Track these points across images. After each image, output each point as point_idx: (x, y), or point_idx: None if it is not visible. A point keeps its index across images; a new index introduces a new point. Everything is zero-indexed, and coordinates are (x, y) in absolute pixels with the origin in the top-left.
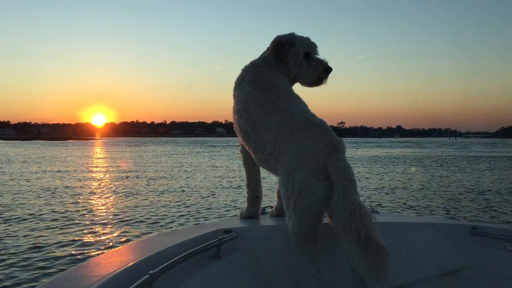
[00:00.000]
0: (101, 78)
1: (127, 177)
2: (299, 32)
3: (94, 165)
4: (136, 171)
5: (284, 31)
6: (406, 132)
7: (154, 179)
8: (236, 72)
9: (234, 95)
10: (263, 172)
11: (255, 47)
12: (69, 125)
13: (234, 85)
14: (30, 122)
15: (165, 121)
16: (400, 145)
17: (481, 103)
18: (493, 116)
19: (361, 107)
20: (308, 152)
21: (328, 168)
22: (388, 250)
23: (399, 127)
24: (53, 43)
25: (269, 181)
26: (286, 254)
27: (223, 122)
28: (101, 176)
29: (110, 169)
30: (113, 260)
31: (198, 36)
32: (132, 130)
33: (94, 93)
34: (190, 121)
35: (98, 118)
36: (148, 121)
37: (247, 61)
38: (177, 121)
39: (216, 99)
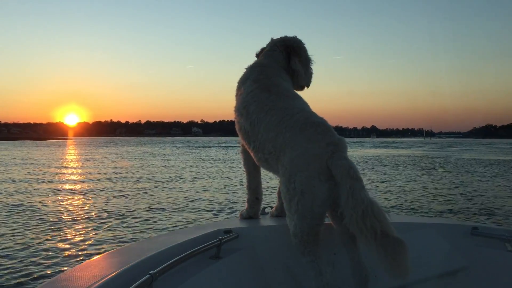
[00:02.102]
0: (75, 77)
1: (119, 179)
2: (274, 32)
3: (83, 166)
4: (125, 173)
5: (260, 31)
6: (381, 132)
7: (151, 180)
8: (209, 72)
9: (236, 95)
10: (263, 172)
11: (228, 48)
12: (41, 124)
13: (237, 84)
14: (0, 121)
15: (139, 120)
16: (387, 145)
17: (452, 104)
18: (464, 117)
19: (336, 107)
20: (309, 152)
21: (332, 168)
22: (406, 244)
23: (373, 127)
24: (24, 41)
25: (269, 181)
26: (286, 255)
27: (199, 122)
28: (95, 177)
29: (102, 172)
30: (113, 260)
31: (171, 35)
32: (106, 130)
33: (67, 92)
34: (166, 120)
35: (71, 117)
36: (123, 121)
37: (220, 61)
38: (152, 120)
39: (191, 99)
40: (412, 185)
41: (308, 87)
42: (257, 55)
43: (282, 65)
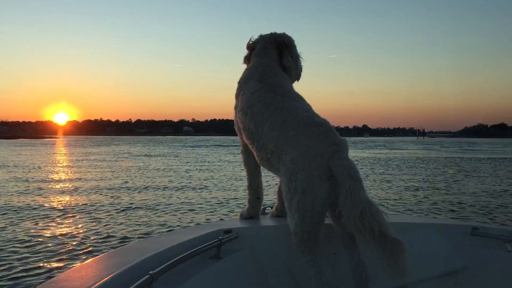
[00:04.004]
0: (64, 75)
1: (117, 179)
2: (265, 31)
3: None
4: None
5: (250, 29)
6: (373, 132)
7: (149, 181)
8: (198, 71)
9: (237, 95)
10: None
11: (217, 46)
12: (30, 123)
13: (237, 84)
14: None
15: (130, 119)
16: (388, 145)
17: (443, 103)
18: (455, 116)
19: (328, 106)
20: (311, 151)
21: (333, 167)
22: (404, 244)
23: (365, 127)
24: (13, 39)
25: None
26: (286, 255)
27: (190, 121)
28: (97, 177)
29: (99, 170)
30: (113, 260)
31: (161, 34)
32: (96, 129)
33: (57, 90)
34: (156, 119)
35: (61, 116)
36: (113, 119)
37: (208, 60)
38: (142, 119)
39: (182, 98)
40: (413, 186)
41: (298, 80)
42: (250, 48)
43: (277, 62)
